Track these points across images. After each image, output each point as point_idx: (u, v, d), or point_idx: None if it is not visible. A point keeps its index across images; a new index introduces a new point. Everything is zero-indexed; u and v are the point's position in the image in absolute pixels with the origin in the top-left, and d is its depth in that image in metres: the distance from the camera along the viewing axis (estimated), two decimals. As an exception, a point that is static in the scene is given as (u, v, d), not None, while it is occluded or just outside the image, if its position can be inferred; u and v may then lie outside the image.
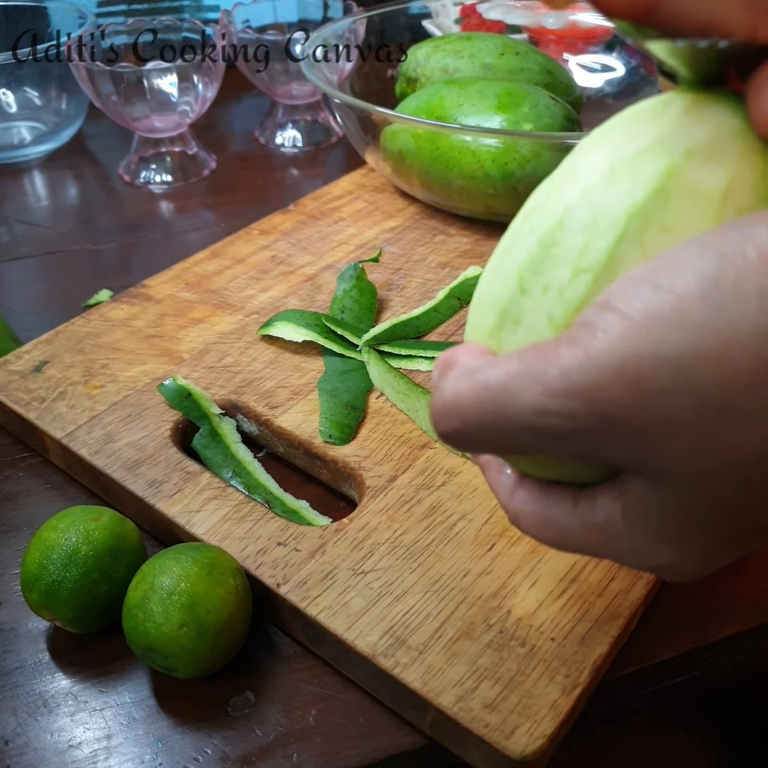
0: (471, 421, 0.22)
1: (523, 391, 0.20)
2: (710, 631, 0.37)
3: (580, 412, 0.20)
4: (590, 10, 0.76)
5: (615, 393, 0.19)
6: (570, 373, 0.20)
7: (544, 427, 0.20)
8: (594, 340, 0.19)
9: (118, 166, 0.77)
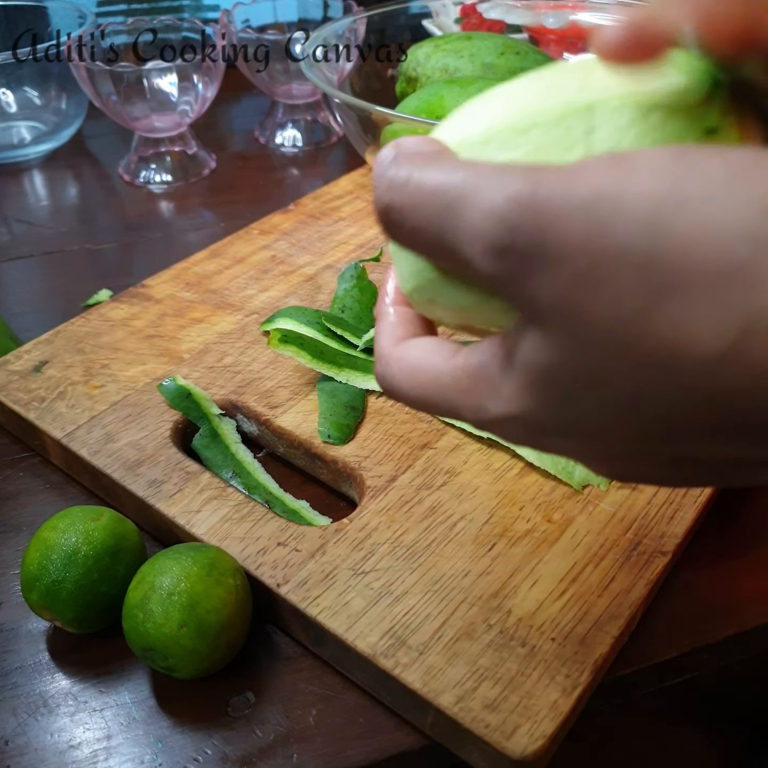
0: (418, 206, 0.21)
1: (483, 190, 0.19)
2: (710, 631, 0.37)
3: (524, 228, 0.19)
4: (590, 9, 0.76)
5: (570, 226, 0.18)
6: (540, 188, 0.19)
7: (483, 233, 0.19)
8: (584, 173, 0.19)
9: (118, 166, 0.77)
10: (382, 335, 0.26)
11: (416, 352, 0.25)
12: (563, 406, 0.21)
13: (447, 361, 0.24)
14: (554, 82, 0.23)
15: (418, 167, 0.22)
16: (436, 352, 0.24)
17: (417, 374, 0.24)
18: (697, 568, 0.39)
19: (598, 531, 0.37)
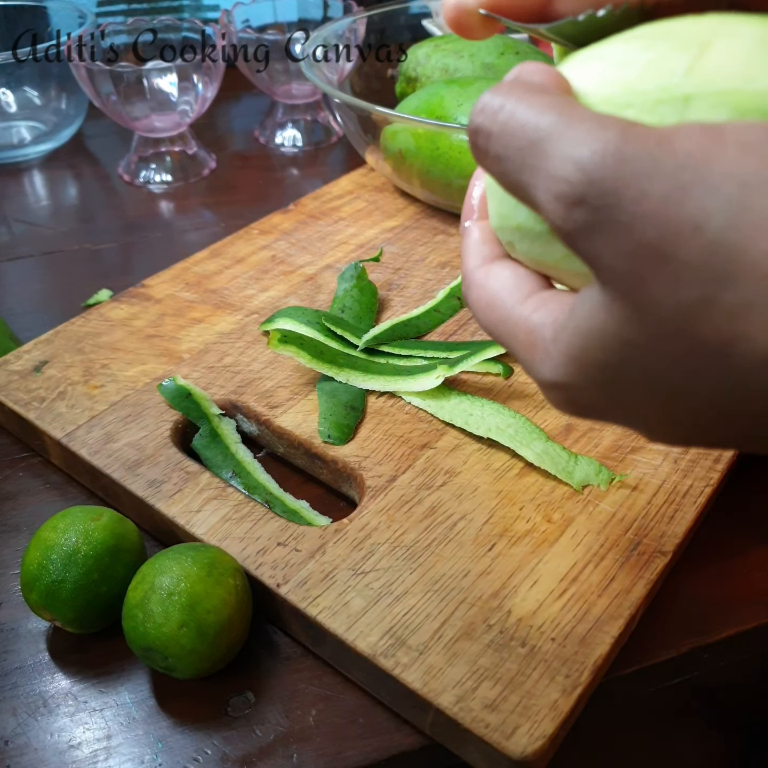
0: (505, 136, 0.21)
1: (571, 135, 0.19)
2: (710, 631, 0.37)
3: (603, 182, 0.18)
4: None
5: (650, 187, 0.18)
6: (628, 144, 0.18)
7: (561, 176, 0.19)
8: (674, 138, 0.18)
9: (117, 166, 0.77)
10: (467, 254, 0.26)
11: (494, 284, 0.25)
12: (610, 379, 0.21)
13: (515, 306, 0.24)
14: (664, 55, 0.22)
15: (515, 97, 0.21)
16: (511, 290, 0.24)
17: (489, 309, 0.25)
18: (697, 568, 0.39)
19: (598, 531, 0.37)
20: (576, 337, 0.21)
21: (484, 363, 0.46)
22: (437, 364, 0.45)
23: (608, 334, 0.20)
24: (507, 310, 0.24)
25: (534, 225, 0.24)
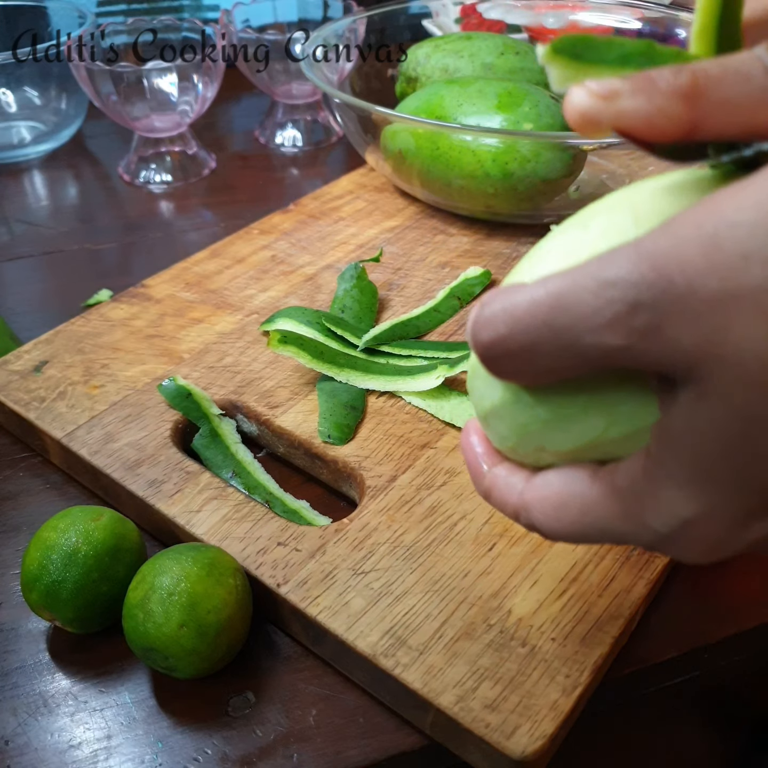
0: (519, 325, 0.20)
1: (585, 276, 0.19)
2: (710, 631, 0.37)
3: (647, 276, 0.18)
4: (590, 9, 0.76)
5: (685, 253, 0.18)
6: (640, 244, 0.18)
7: (605, 303, 0.18)
8: (675, 219, 0.18)
9: (117, 166, 0.77)
10: (504, 499, 0.25)
11: (551, 489, 0.23)
12: (749, 476, 0.19)
13: (591, 489, 0.22)
14: (605, 226, 0.23)
15: (503, 299, 0.21)
16: (572, 482, 0.22)
17: (563, 512, 0.23)
18: (697, 568, 0.39)
19: (598, 531, 0.37)
20: (684, 460, 0.19)
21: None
22: (437, 364, 0.45)
23: (721, 427, 0.18)
24: (583, 500, 0.22)
25: (565, 409, 0.23)
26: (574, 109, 0.22)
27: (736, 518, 0.19)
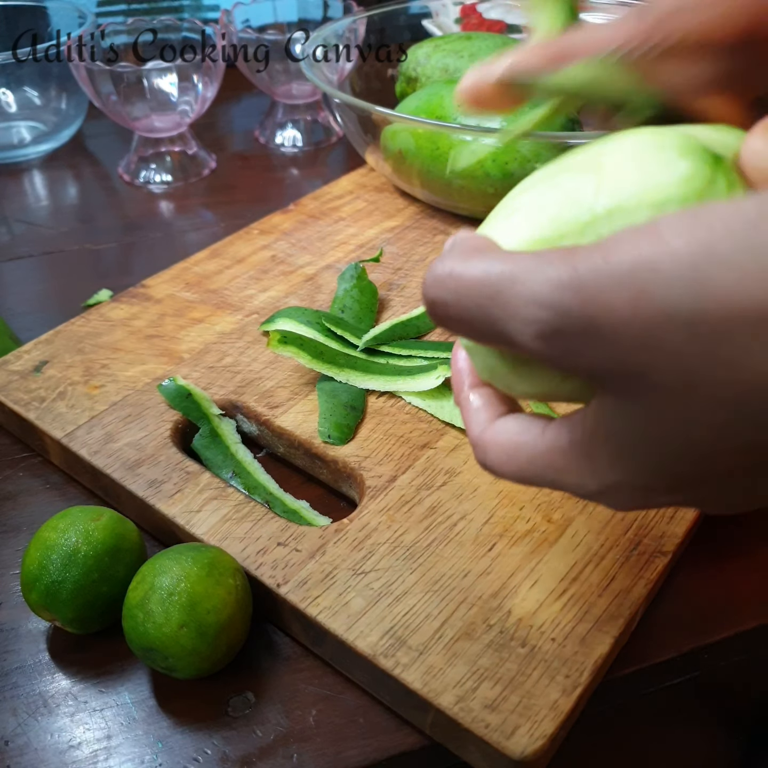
0: (460, 300, 0.22)
1: (524, 280, 0.20)
2: (710, 631, 0.37)
3: (573, 311, 0.19)
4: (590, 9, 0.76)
5: (615, 300, 0.19)
6: (578, 271, 0.19)
7: (530, 320, 0.20)
8: (616, 245, 0.19)
9: (117, 166, 0.77)
10: (470, 424, 0.27)
11: (506, 435, 0.25)
12: (656, 464, 0.22)
13: (538, 441, 0.24)
14: (569, 187, 0.24)
15: (459, 261, 0.22)
16: (525, 432, 0.25)
17: (513, 458, 0.25)
18: (697, 568, 0.39)
19: (598, 531, 0.37)
20: (609, 443, 0.22)
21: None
22: (437, 364, 0.45)
23: (635, 429, 0.21)
24: (531, 450, 0.25)
25: (523, 366, 0.25)
26: (464, 87, 0.27)
27: (641, 492, 0.23)
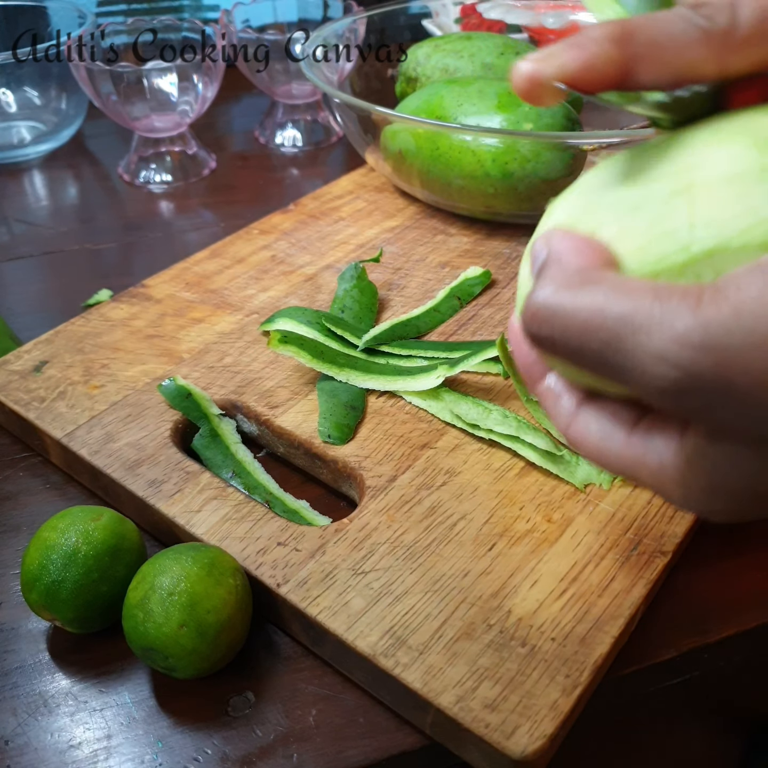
0: (571, 339, 0.20)
1: (649, 332, 0.19)
2: (710, 631, 0.37)
3: (705, 372, 0.18)
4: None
5: (753, 364, 0.18)
6: (710, 327, 0.18)
7: (656, 375, 0.19)
8: (747, 296, 0.18)
9: (117, 166, 0.77)
10: (556, 417, 0.27)
11: (592, 437, 0.25)
12: (750, 499, 0.22)
13: (624, 450, 0.24)
14: (659, 212, 0.22)
15: (564, 292, 0.21)
16: (609, 438, 0.25)
17: (603, 458, 0.25)
18: (697, 568, 0.39)
19: (598, 531, 0.37)
20: (715, 480, 0.22)
21: (484, 363, 0.46)
22: (437, 364, 0.45)
23: (757, 476, 0.21)
24: (619, 457, 0.24)
25: None
26: (521, 77, 0.23)
27: (731, 515, 0.23)
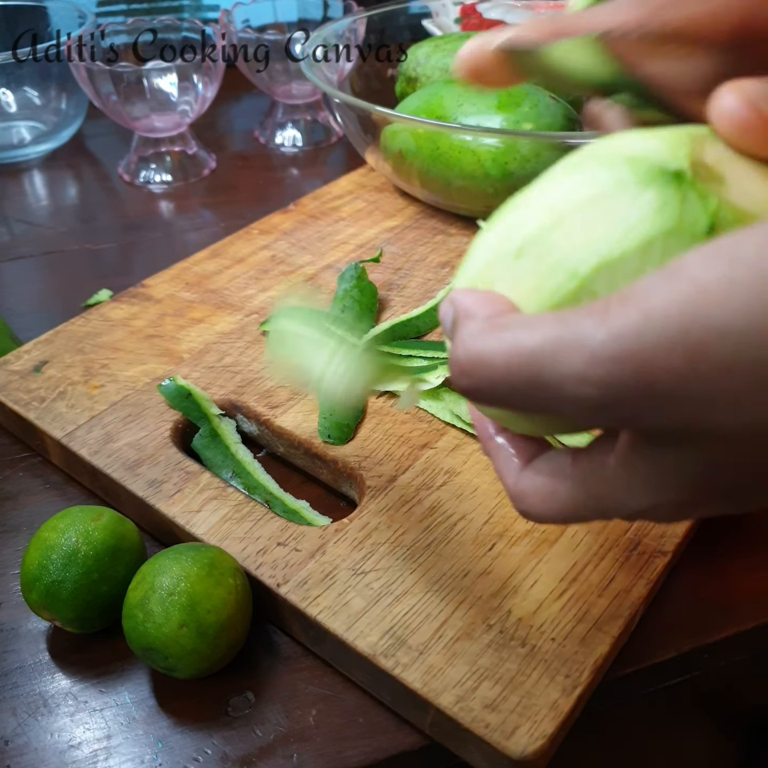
0: (497, 384, 0.21)
1: (563, 358, 0.19)
2: (710, 631, 0.37)
3: (627, 382, 0.18)
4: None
5: (671, 362, 0.18)
6: (621, 336, 0.18)
7: (581, 398, 0.19)
8: (654, 299, 0.18)
9: (117, 166, 0.77)
10: (505, 475, 0.27)
11: (540, 479, 0.25)
12: (701, 493, 0.22)
13: (573, 475, 0.24)
14: (540, 251, 0.23)
15: (480, 341, 0.21)
16: (558, 471, 0.25)
17: (552, 504, 0.25)
18: (697, 568, 0.39)
19: (598, 531, 0.37)
20: (654, 474, 0.22)
21: (484, 363, 0.46)
22: (437, 364, 0.45)
23: (693, 473, 0.21)
24: (566, 492, 0.25)
25: (547, 420, 0.25)
26: (463, 55, 0.26)
27: (677, 509, 0.23)
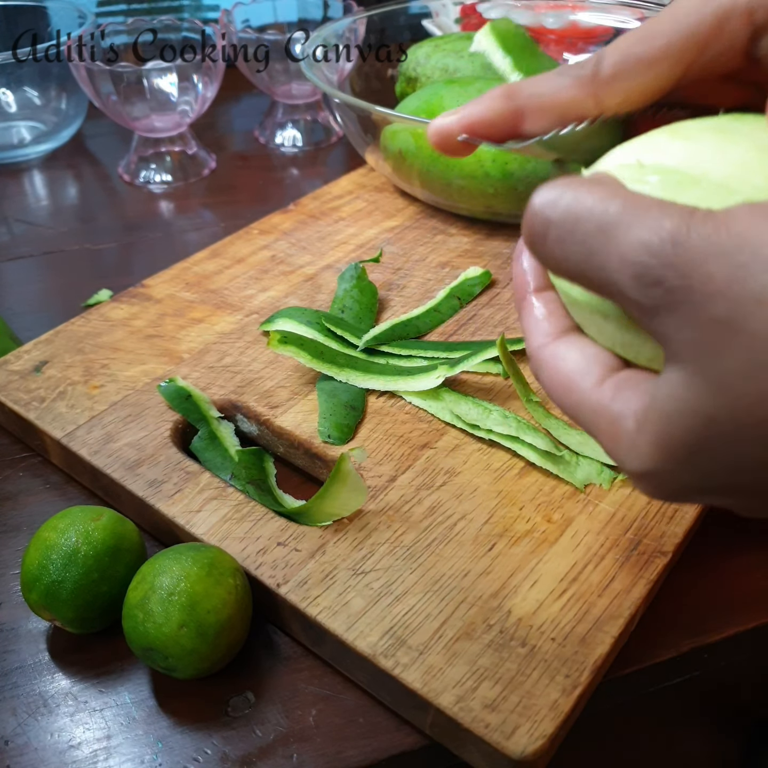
0: (566, 222, 0.22)
1: (636, 223, 0.20)
2: (710, 631, 0.37)
3: (677, 267, 0.19)
4: (590, 9, 0.76)
5: (715, 273, 0.19)
6: (692, 232, 0.19)
7: (636, 261, 0.20)
8: (728, 222, 0.19)
9: (117, 166, 0.77)
10: (530, 332, 0.27)
11: (564, 366, 0.25)
12: (699, 459, 0.21)
13: (592, 392, 0.24)
14: (696, 148, 0.24)
15: (574, 187, 0.22)
16: (583, 374, 0.25)
17: (565, 392, 0.25)
18: (697, 568, 0.39)
19: (598, 531, 0.37)
20: (660, 424, 0.21)
21: (484, 363, 0.46)
22: (437, 364, 0.45)
23: (691, 413, 0.20)
24: (583, 395, 0.24)
25: (605, 309, 0.24)
26: (432, 132, 0.28)
27: (678, 487, 0.23)
